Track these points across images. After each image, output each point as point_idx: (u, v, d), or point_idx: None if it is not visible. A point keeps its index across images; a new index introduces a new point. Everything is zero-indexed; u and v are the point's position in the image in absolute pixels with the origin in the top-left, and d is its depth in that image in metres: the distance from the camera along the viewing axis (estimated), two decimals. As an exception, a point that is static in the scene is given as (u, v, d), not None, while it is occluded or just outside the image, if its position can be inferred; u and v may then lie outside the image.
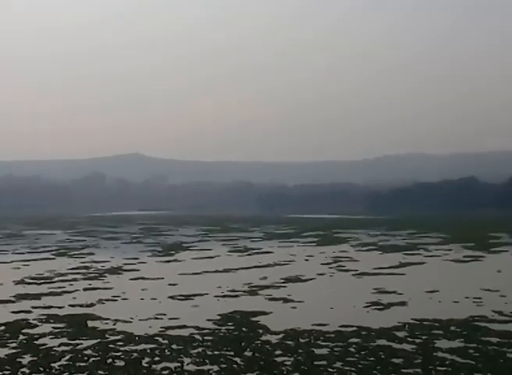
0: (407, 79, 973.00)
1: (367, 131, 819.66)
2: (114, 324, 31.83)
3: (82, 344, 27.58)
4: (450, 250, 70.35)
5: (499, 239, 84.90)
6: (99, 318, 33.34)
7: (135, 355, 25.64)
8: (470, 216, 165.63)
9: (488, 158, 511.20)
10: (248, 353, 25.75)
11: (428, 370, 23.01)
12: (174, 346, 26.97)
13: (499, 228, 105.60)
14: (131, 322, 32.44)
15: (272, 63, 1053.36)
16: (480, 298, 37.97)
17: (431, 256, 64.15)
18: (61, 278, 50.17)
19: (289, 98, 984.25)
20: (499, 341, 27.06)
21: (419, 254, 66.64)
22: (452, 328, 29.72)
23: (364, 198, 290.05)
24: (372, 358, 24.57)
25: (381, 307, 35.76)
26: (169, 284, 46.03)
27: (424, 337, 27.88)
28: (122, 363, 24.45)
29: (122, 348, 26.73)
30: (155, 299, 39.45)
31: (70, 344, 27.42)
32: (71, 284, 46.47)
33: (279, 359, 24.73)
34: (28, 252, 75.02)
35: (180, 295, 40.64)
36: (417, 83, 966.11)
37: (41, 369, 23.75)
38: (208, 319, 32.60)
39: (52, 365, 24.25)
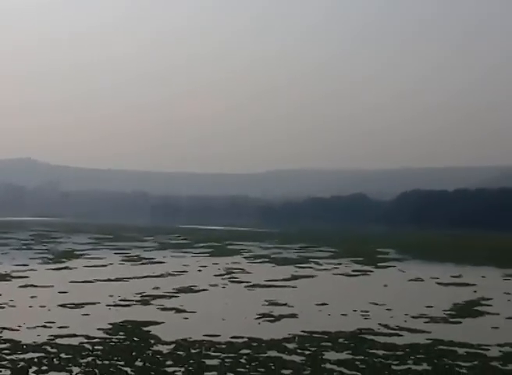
0: (298, 96, 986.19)
1: (260, 145, 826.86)
2: (0, 332, 31.02)
3: (-34, 352, 26.76)
4: (340, 264, 71.88)
5: (386, 254, 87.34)
6: (-15, 326, 32.43)
7: (22, 363, 25.09)
8: (359, 231, 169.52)
9: (376, 175, 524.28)
10: (139, 363, 25.62)
11: (316, 381, 23.48)
12: (63, 355, 26.53)
13: (387, 244, 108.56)
14: (18, 330, 31.72)
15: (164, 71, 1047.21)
16: (367, 312, 39.02)
17: (321, 270, 65.38)
18: None
19: (186, 108, 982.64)
20: (385, 353, 27.92)
21: (310, 267, 67.79)
22: (340, 340, 30.45)
23: (258, 211, 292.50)
24: (262, 369, 24.90)
25: (272, 319, 36.25)
26: (59, 292, 45.19)
27: (313, 349, 28.44)
28: (8, 372, 23.90)
29: (8, 357, 26.10)
30: (44, 307, 38.67)
31: (-46, 353, 26.57)
32: (-45, 291, 44.93)
33: (169, 369, 24.72)
34: None
35: (71, 303, 39.98)
36: (307, 100, 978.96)
37: None
38: (99, 328, 32.21)
39: None
